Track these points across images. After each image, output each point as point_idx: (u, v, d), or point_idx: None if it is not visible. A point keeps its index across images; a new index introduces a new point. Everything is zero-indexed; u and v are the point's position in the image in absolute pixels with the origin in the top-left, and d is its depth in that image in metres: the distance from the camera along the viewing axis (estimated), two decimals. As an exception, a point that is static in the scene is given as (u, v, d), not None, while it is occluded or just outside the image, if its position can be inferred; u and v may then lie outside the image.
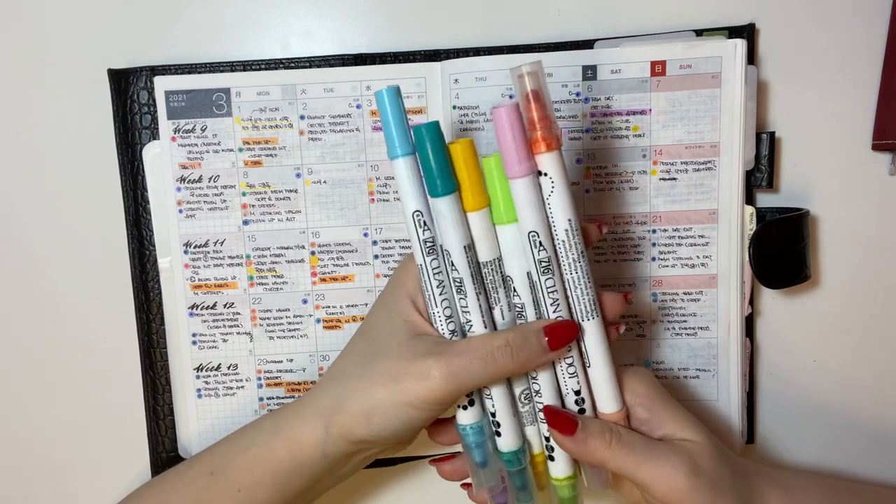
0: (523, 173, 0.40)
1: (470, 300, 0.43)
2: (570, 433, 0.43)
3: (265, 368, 0.56)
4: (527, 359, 0.42)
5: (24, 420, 0.59)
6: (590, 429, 0.43)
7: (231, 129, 0.54)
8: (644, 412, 0.45)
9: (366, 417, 0.43)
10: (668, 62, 0.52)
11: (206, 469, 0.48)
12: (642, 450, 0.43)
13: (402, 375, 0.42)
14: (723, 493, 0.43)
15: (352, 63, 0.54)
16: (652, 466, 0.42)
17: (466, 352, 0.42)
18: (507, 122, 0.40)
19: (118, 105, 0.54)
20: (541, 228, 0.41)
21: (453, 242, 0.42)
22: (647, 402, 0.45)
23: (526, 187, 0.41)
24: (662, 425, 0.45)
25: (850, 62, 0.56)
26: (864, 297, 0.57)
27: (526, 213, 0.41)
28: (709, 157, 0.53)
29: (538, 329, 0.42)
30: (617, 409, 0.44)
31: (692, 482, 0.42)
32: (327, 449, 0.45)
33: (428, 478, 0.60)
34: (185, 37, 0.55)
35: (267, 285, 0.55)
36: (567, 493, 0.46)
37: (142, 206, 0.55)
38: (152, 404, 0.57)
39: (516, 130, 0.40)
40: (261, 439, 0.47)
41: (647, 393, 0.45)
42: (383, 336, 0.44)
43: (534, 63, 0.40)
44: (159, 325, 0.56)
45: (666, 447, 0.43)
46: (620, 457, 0.42)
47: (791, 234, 0.54)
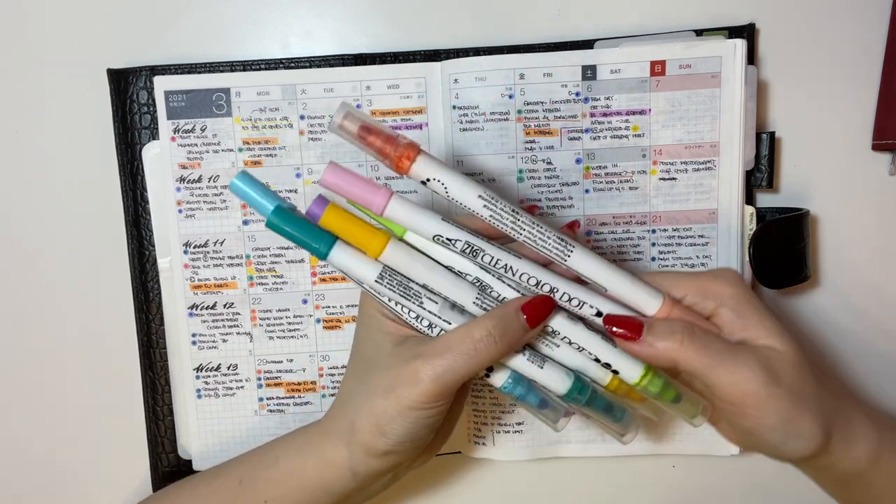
0: (384, 202, 0.41)
1: (420, 313, 0.43)
2: (636, 338, 0.42)
3: (265, 369, 0.56)
4: (511, 342, 0.41)
5: (24, 420, 0.59)
6: (657, 329, 0.41)
7: (231, 129, 0.54)
8: (729, 313, 0.43)
9: (379, 430, 0.43)
10: (667, 62, 0.52)
11: (235, 478, 0.49)
12: (718, 350, 0.41)
13: (395, 384, 0.42)
14: (804, 406, 0.41)
15: (352, 63, 0.54)
16: (727, 369, 0.41)
17: (448, 349, 0.41)
18: (338, 180, 0.41)
19: (118, 105, 0.54)
20: (441, 229, 0.41)
21: (369, 281, 0.42)
22: (733, 304, 0.43)
23: (399, 208, 0.41)
24: (748, 329, 0.43)
25: (850, 62, 0.56)
26: (864, 297, 0.57)
27: (417, 225, 0.42)
28: (708, 156, 0.53)
29: (516, 309, 0.42)
30: (659, 306, 0.43)
31: (769, 389, 0.41)
32: (355, 467, 0.45)
33: (428, 477, 0.60)
34: (185, 37, 0.55)
35: (267, 285, 0.55)
36: (656, 388, 0.43)
37: (141, 206, 0.55)
38: (152, 404, 0.57)
39: (350, 179, 0.41)
40: (291, 454, 0.47)
41: (732, 293, 0.43)
42: (371, 351, 0.45)
43: (340, 108, 0.40)
44: (159, 326, 0.56)
45: (745, 350, 0.42)
46: (693, 356, 0.41)
47: (791, 234, 0.54)
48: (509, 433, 0.57)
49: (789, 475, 0.48)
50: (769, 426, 0.42)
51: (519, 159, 0.54)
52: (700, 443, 0.57)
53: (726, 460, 0.58)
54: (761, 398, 0.41)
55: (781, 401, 0.41)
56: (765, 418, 0.41)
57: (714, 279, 0.44)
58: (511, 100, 0.53)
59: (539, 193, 0.54)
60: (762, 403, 0.41)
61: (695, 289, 0.44)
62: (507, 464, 0.59)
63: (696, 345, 0.41)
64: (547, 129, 0.53)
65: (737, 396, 0.41)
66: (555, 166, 0.54)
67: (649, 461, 0.59)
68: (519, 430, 0.57)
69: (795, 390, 0.41)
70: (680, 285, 0.44)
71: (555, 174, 0.54)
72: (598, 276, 0.42)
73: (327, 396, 0.57)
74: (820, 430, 0.42)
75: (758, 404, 0.41)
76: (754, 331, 0.43)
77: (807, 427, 0.42)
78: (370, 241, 0.42)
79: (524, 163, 0.54)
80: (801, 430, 0.42)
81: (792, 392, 0.41)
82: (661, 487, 0.60)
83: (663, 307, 0.43)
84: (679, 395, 0.44)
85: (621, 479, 0.60)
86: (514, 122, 0.53)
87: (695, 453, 0.57)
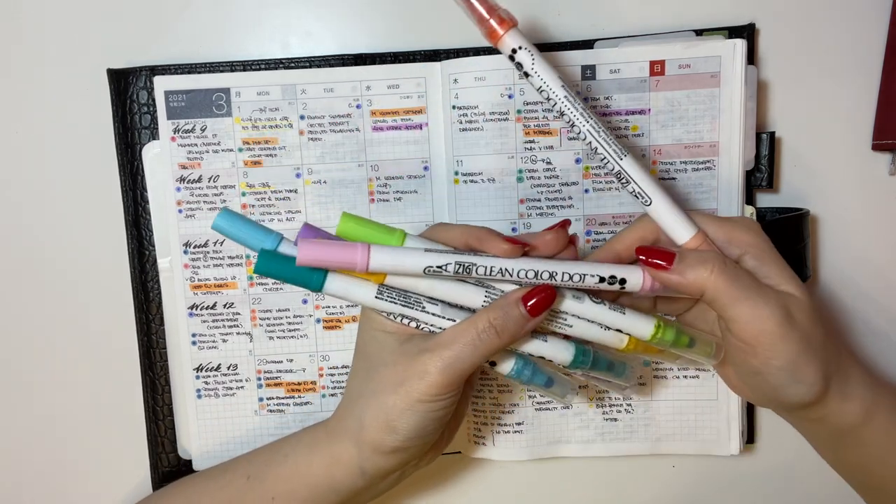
0: (366, 259, 0.41)
1: (423, 319, 0.44)
2: (668, 266, 0.43)
3: (265, 369, 0.56)
4: (513, 332, 0.42)
5: (24, 420, 0.59)
6: (689, 259, 0.43)
7: (231, 129, 0.54)
8: (752, 261, 0.44)
9: (388, 426, 0.44)
10: (666, 62, 0.52)
11: (242, 474, 0.49)
12: (746, 285, 0.42)
13: (404, 378, 0.43)
14: (812, 353, 0.43)
15: (352, 63, 0.54)
16: (749, 305, 0.42)
17: (454, 341, 0.42)
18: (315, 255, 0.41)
19: (118, 105, 0.54)
20: (428, 261, 0.42)
21: (368, 301, 0.43)
22: (755, 252, 0.44)
23: (382, 257, 0.41)
24: (770, 276, 0.44)
25: (850, 62, 0.56)
26: (864, 297, 0.57)
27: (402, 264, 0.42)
28: (708, 156, 0.53)
29: (517, 299, 0.42)
30: (691, 236, 0.44)
31: (784, 330, 0.42)
32: (364, 465, 0.46)
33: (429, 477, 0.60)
34: (185, 37, 0.55)
35: (267, 285, 0.55)
36: (670, 337, 0.45)
37: (141, 206, 0.55)
38: (152, 404, 0.57)
39: (326, 251, 0.41)
40: (300, 452, 0.48)
41: (754, 242, 0.44)
42: (375, 350, 0.45)
43: None
44: (159, 326, 0.56)
45: (768, 290, 0.43)
46: (722, 286, 0.42)
47: (791, 234, 0.54)
48: (509, 433, 0.57)
49: (789, 475, 0.48)
50: (777, 366, 0.43)
51: (518, 159, 0.54)
52: (700, 443, 0.57)
53: (726, 460, 0.58)
54: (776, 337, 0.42)
55: (792, 343, 0.42)
56: (774, 358, 0.43)
57: (738, 226, 0.45)
58: (511, 100, 0.53)
59: (539, 193, 0.54)
60: (776, 343, 0.42)
61: (722, 234, 0.45)
62: (506, 464, 0.59)
63: (726, 276, 0.42)
64: (546, 128, 0.53)
65: (753, 333, 0.42)
66: (554, 166, 0.54)
67: (649, 461, 0.59)
68: (519, 431, 0.57)
69: (806, 336, 0.43)
70: (708, 228, 0.45)
71: (554, 174, 0.54)
72: (646, 187, 0.44)
73: (327, 396, 0.57)
74: (822, 378, 0.44)
75: (772, 343, 0.42)
76: (775, 278, 0.44)
77: (811, 373, 0.43)
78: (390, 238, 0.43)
79: (524, 163, 0.54)
80: (805, 375, 0.43)
81: (803, 337, 0.43)
82: (661, 487, 0.60)
83: (695, 238, 0.44)
84: (692, 339, 0.46)
85: (621, 479, 0.60)
86: (513, 122, 0.53)
87: (695, 453, 0.57)
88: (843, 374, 0.45)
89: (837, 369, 0.45)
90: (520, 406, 0.57)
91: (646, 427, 0.57)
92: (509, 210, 0.54)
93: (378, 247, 0.42)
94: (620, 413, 0.57)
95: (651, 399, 0.57)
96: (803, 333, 0.43)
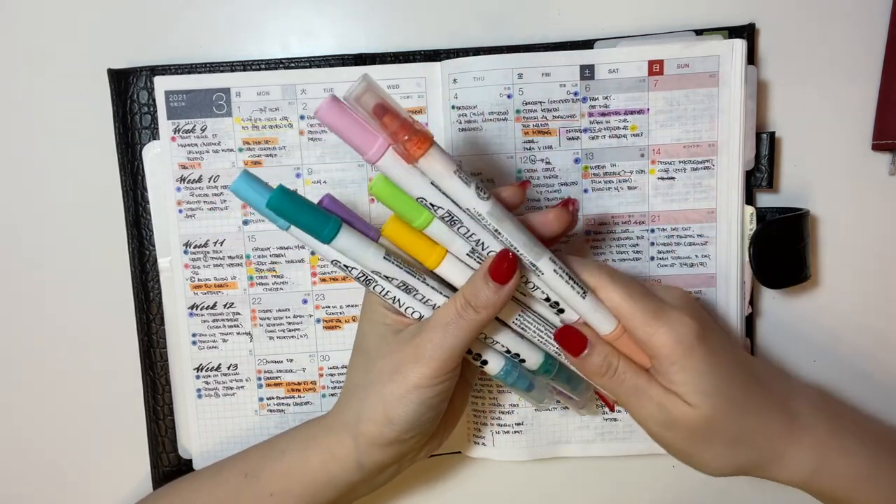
0: (381, 153, 0.40)
1: (422, 291, 0.44)
2: (575, 356, 0.45)
3: (265, 368, 0.56)
4: (488, 303, 0.43)
5: (24, 420, 0.59)
6: (588, 362, 0.45)
7: (231, 129, 0.54)
8: (659, 365, 0.44)
9: (385, 417, 0.44)
10: (665, 61, 0.52)
11: (240, 471, 0.49)
12: (629, 389, 0.45)
13: (401, 365, 0.44)
14: (710, 449, 0.45)
15: (352, 63, 0.54)
16: (631, 407, 0.46)
17: (438, 322, 0.43)
18: (336, 117, 0.39)
19: (118, 105, 0.54)
20: (425, 192, 0.41)
21: (374, 261, 0.43)
22: (665, 361, 0.44)
23: (392, 164, 0.40)
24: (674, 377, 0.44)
25: (850, 62, 0.56)
26: (864, 297, 0.57)
27: (406, 184, 0.41)
28: (707, 156, 0.53)
29: (483, 273, 0.43)
30: (611, 329, 0.45)
31: (664, 437, 0.45)
32: (361, 459, 0.46)
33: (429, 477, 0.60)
34: (185, 37, 0.56)
35: (267, 285, 0.56)
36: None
37: (142, 206, 0.55)
38: (152, 404, 0.57)
39: (348, 120, 0.40)
40: (296, 448, 0.48)
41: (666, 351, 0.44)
42: (374, 343, 0.46)
43: (363, 79, 0.38)
44: (159, 325, 0.56)
45: (650, 392, 0.44)
46: (615, 392, 0.46)
47: (791, 234, 0.54)
48: (509, 433, 0.57)
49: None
50: (667, 451, 0.47)
51: (518, 159, 0.54)
52: (700, 443, 0.56)
53: (726, 460, 0.58)
54: (655, 435, 0.46)
55: (676, 441, 0.45)
56: (662, 446, 0.47)
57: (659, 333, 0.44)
58: (510, 100, 0.53)
59: (538, 193, 0.54)
60: (657, 439, 0.46)
61: (644, 336, 0.44)
62: (506, 464, 0.59)
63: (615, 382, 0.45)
64: (545, 128, 0.53)
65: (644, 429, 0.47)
66: (553, 166, 0.54)
67: (649, 461, 0.59)
68: (519, 431, 0.57)
69: (695, 437, 0.45)
70: (633, 323, 0.44)
71: (553, 174, 0.54)
72: (558, 290, 0.44)
73: (327, 396, 0.57)
74: (721, 467, 0.46)
75: (654, 438, 0.46)
76: (674, 386, 0.44)
77: (705, 462, 0.46)
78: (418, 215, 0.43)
79: (523, 162, 0.54)
80: (699, 463, 0.46)
81: (689, 438, 0.45)
82: (661, 487, 0.60)
83: (616, 331, 0.45)
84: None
85: (621, 479, 0.60)
86: (512, 122, 0.53)
87: (695, 453, 0.57)
88: (770, 458, 0.46)
89: (762, 455, 0.46)
90: (520, 406, 0.57)
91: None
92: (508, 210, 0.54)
93: (395, 154, 0.40)
94: (620, 413, 0.57)
95: (651, 399, 0.57)
96: (692, 435, 0.44)
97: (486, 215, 0.42)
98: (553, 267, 0.43)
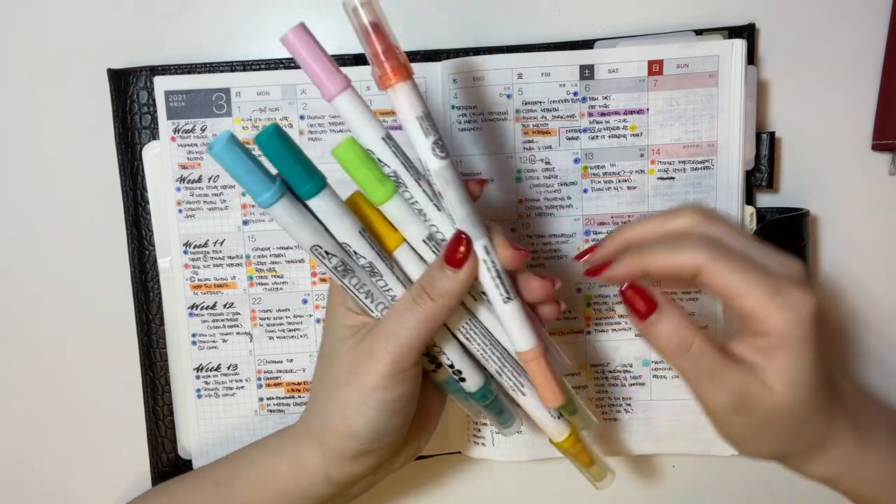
0: (339, 89, 0.38)
1: (387, 278, 0.42)
2: (642, 319, 0.41)
3: (265, 368, 0.56)
4: (445, 291, 0.41)
5: (24, 420, 0.59)
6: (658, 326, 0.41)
7: (231, 129, 0.54)
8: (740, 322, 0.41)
9: (347, 428, 0.42)
10: (665, 61, 0.52)
11: (212, 480, 0.49)
12: (701, 370, 0.41)
13: (355, 366, 0.42)
14: (763, 433, 0.41)
15: (352, 63, 0.54)
16: (702, 389, 0.41)
17: (393, 314, 0.41)
18: (303, 45, 0.38)
19: (118, 105, 0.54)
20: (375, 140, 0.40)
21: (348, 233, 0.40)
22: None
23: (350, 103, 0.39)
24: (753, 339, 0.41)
25: (850, 62, 0.56)
26: (864, 297, 0.57)
27: (358, 126, 0.39)
28: (706, 156, 0.53)
29: (440, 260, 0.41)
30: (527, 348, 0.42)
31: (729, 416, 0.41)
32: (330, 472, 0.45)
33: (428, 477, 0.60)
34: (185, 37, 0.56)
35: (267, 285, 0.56)
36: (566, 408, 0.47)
37: (141, 206, 0.55)
38: (152, 404, 0.57)
39: (314, 51, 0.38)
40: (267, 457, 0.47)
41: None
42: (332, 347, 0.44)
43: None
44: (159, 326, 0.56)
45: (724, 372, 0.40)
46: (681, 369, 0.41)
47: (791, 234, 0.54)
48: (509, 433, 0.57)
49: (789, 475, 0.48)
50: (718, 431, 0.43)
51: (517, 159, 0.54)
52: (700, 443, 0.56)
53: (726, 460, 0.58)
54: (720, 420, 0.42)
55: (739, 426, 0.42)
56: (717, 427, 0.43)
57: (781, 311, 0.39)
58: (509, 99, 0.53)
59: (538, 193, 0.54)
60: (722, 423, 0.42)
61: (761, 313, 0.40)
62: (506, 464, 0.59)
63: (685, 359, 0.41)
64: (545, 128, 0.53)
65: (703, 407, 0.42)
66: (553, 166, 0.54)
67: (649, 461, 0.59)
68: (519, 431, 0.57)
69: (762, 424, 0.41)
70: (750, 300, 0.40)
71: (553, 174, 0.54)
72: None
73: (327, 396, 0.57)
74: (766, 453, 0.43)
75: (718, 421, 0.42)
76: (770, 367, 0.40)
77: (753, 449, 0.43)
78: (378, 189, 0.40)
79: (522, 163, 0.54)
80: (745, 448, 0.43)
81: (758, 424, 0.41)
82: (661, 487, 0.60)
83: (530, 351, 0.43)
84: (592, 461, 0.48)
85: (621, 479, 0.60)
86: (512, 122, 0.53)
87: (695, 453, 0.57)
88: (812, 451, 0.43)
89: (808, 448, 0.43)
90: (519, 406, 0.57)
91: (646, 427, 0.57)
92: (508, 210, 0.54)
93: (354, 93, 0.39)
94: (620, 413, 0.57)
95: (651, 399, 0.56)
96: (761, 421, 0.41)
97: (434, 173, 0.39)
98: (484, 256, 0.41)
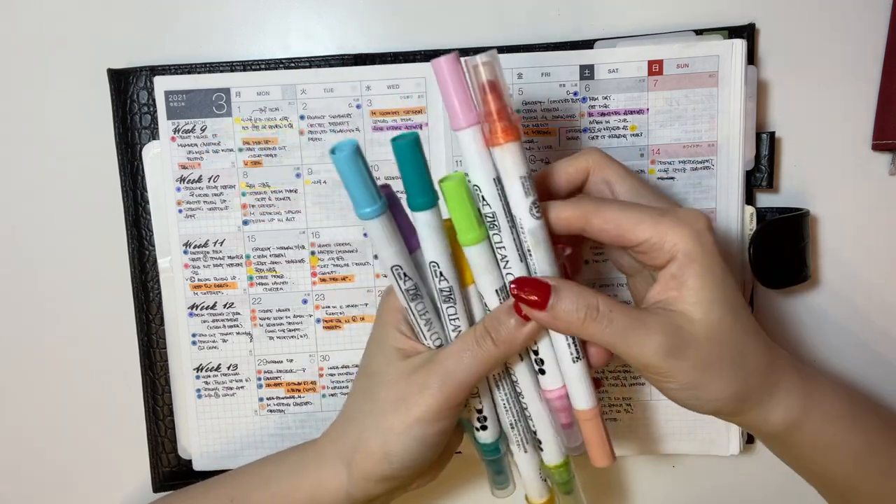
0: (469, 123, 0.39)
1: (458, 307, 0.42)
2: (542, 308, 0.40)
3: (265, 369, 0.56)
4: (509, 339, 0.41)
5: (24, 420, 0.59)
6: (560, 306, 0.40)
7: (231, 129, 0.54)
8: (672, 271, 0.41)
9: (383, 452, 0.43)
10: (664, 61, 0.52)
11: (226, 495, 0.48)
12: (620, 329, 0.40)
13: (405, 395, 0.42)
14: (711, 374, 0.40)
15: (352, 63, 0.54)
16: (628, 345, 0.40)
17: (453, 352, 0.42)
18: (450, 72, 0.39)
19: (118, 105, 0.54)
20: (485, 181, 0.40)
21: (442, 254, 0.41)
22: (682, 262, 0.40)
23: (472, 139, 0.40)
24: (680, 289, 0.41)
25: (850, 62, 0.56)
26: (864, 297, 0.57)
27: (474, 163, 0.40)
28: (706, 156, 0.53)
29: (509, 306, 0.41)
30: (589, 407, 0.43)
31: (670, 362, 0.40)
32: (351, 491, 0.45)
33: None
34: (185, 37, 0.56)
35: (267, 285, 0.56)
36: (562, 478, 0.47)
37: (141, 206, 0.55)
38: (152, 404, 0.57)
39: (458, 80, 0.39)
40: (283, 474, 0.47)
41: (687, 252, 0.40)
42: (380, 367, 0.44)
43: (490, 54, 0.39)
44: (159, 326, 0.56)
45: (650, 322, 0.40)
46: (596, 336, 0.40)
47: (791, 234, 0.54)
48: (509, 433, 0.57)
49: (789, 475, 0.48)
50: (672, 388, 0.41)
51: (518, 159, 0.54)
52: (700, 443, 0.56)
53: (726, 460, 0.58)
54: (662, 369, 0.40)
55: (684, 371, 0.40)
56: (667, 383, 0.41)
57: (675, 227, 0.40)
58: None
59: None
60: (664, 372, 0.40)
61: (656, 237, 0.40)
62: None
63: (597, 326, 0.40)
64: (545, 128, 0.53)
65: (639, 367, 0.41)
66: (554, 166, 0.54)
67: (649, 461, 0.59)
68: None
69: (702, 359, 0.40)
70: (641, 228, 0.40)
71: (554, 174, 0.54)
72: None
73: (327, 396, 0.57)
74: (726, 396, 0.41)
75: (660, 372, 0.40)
76: (684, 293, 0.40)
77: (713, 391, 0.41)
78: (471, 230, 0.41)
79: (523, 162, 0.54)
80: (705, 394, 0.41)
81: (698, 361, 0.40)
82: (661, 487, 0.60)
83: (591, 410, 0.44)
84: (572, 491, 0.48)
85: (621, 479, 0.60)
86: (512, 122, 0.53)
87: (695, 453, 0.57)
88: (767, 387, 0.42)
89: (761, 382, 0.42)
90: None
91: (646, 427, 0.57)
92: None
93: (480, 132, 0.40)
94: (620, 413, 0.57)
95: (651, 399, 0.56)
96: (698, 358, 0.40)
97: (528, 231, 0.41)
98: None
